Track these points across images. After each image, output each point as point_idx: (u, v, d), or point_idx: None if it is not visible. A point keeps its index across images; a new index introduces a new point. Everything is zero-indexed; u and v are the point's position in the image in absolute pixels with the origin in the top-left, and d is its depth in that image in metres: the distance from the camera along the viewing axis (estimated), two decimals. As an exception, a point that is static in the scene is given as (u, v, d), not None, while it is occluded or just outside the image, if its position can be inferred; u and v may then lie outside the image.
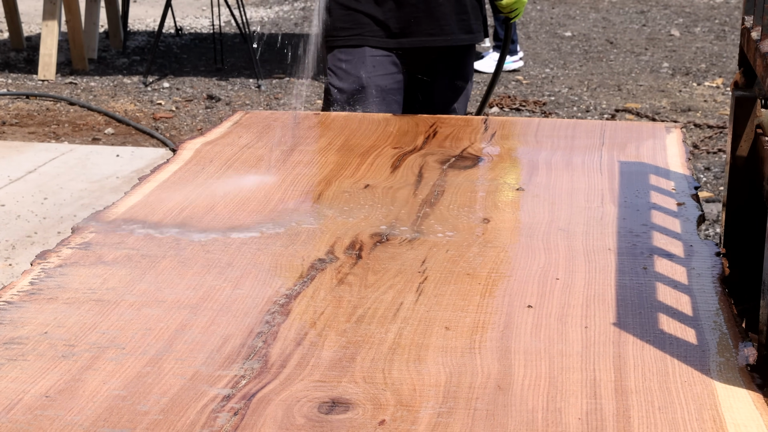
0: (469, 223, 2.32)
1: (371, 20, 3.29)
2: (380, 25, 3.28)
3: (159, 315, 1.85)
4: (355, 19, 3.30)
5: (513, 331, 1.81)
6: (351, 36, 3.30)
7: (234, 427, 1.51)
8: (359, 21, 3.29)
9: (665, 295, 1.94)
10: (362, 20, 3.29)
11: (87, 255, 2.11)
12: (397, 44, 3.31)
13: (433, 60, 3.38)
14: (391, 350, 1.74)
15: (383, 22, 3.28)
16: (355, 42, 3.30)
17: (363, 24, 3.29)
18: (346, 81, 3.29)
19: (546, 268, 2.07)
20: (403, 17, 3.29)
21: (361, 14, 3.29)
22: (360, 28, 3.29)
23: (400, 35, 3.30)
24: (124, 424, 1.51)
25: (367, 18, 3.29)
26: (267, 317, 1.85)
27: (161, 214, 2.33)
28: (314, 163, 2.73)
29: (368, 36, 3.30)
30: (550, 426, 1.52)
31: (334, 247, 2.17)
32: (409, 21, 3.29)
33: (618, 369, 1.68)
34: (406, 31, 3.30)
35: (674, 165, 2.70)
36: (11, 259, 4.33)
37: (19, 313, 1.85)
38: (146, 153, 5.93)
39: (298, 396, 1.60)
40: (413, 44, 3.32)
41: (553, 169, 2.68)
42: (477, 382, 1.64)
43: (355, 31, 3.30)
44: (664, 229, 2.26)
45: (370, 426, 1.51)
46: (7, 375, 1.64)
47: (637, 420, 1.53)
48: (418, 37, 3.32)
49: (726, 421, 1.53)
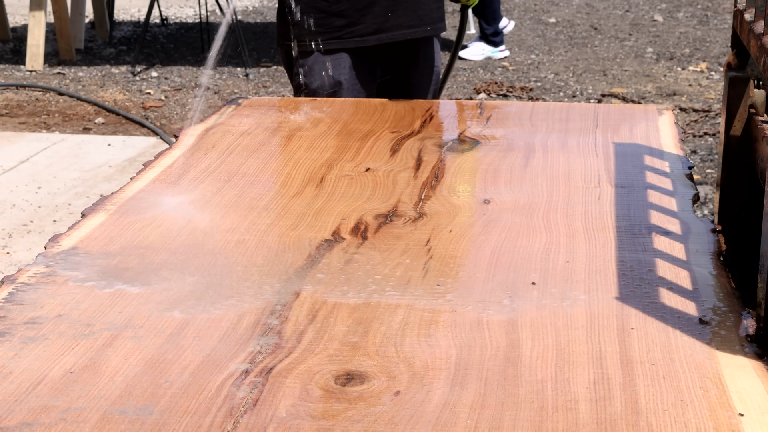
0: (470, 204, 2.37)
1: (347, 21, 3.28)
2: (357, 24, 3.28)
3: (173, 295, 1.90)
4: (330, 22, 3.29)
5: (519, 307, 1.86)
6: (329, 40, 3.30)
7: (254, 399, 1.56)
8: (335, 24, 3.29)
9: (665, 271, 2.00)
10: (337, 23, 3.29)
11: (100, 237, 2.15)
12: (376, 41, 3.31)
13: (411, 50, 3.40)
14: (402, 326, 1.79)
15: (359, 21, 3.28)
16: (334, 46, 3.30)
17: (340, 27, 3.28)
18: (320, 82, 3.31)
19: (548, 246, 2.13)
20: (381, 12, 3.29)
21: (336, 17, 3.29)
22: (338, 32, 3.29)
23: (379, 31, 3.31)
24: (147, 398, 1.56)
25: (342, 19, 3.29)
26: (279, 295, 1.90)
27: (170, 198, 2.38)
28: (314, 147, 2.77)
29: (346, 38, 3.30)
30: (559, 395, 1.57)
31: (340, 229, 2.22)
32: (386, 15, 3.30)
33: (622, 341, 1.73)
34: (384, 26, 3.31)
35: (668, 146, 2.76)
36: (8, 247, 4.37)
37: (36, 294, 1.90)
38: (137, 142, 5.97)
39: (314, 370, 1.65)
40: (393, 38, 3.33)
41: (549, 151, 2.73)
42: (486, 355, 1.69)
43: (333, 35, 3.30)
44: (661, 207, 2.32)
45: (386, 397, 1.57)
46: (30, 354, 1.69)
47: (643, 388, 1.59)
48: (398, 31, 3.33)
49: (729, 389, 1.58)
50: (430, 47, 3.45)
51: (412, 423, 1.50)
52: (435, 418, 1.51)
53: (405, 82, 3.46)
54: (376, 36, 3.31)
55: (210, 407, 1.54)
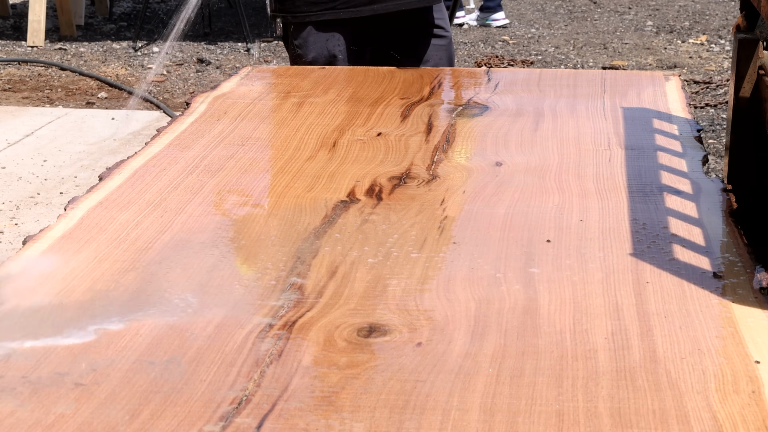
0: (483, 166, 2.40)
1: None
2: None
3: (195, 252, 1.93)
4: None
5: (535, 263, 1.89)
6: (323, 11, 3.31)
7: (279, 351, 1.59)
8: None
9: (677, 228, 2.02)
10: None
11: (118, 199, 2.18)
12: (370, 11, 3.32)
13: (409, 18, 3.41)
14: (420, 282, 1.82)
15: None
16: (329, 17, 3.31)
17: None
18: (315, 54, 3.32)
19: (561, 206, 2.15)
20: None
21: None
22: (332, 2, 3.31)
23: (373, 1, 3.32)
24: (175, 351, 1.59)
25: None
26: (298, 253, 1.93)
27: (186, 160, 2.41)
28: (325, 113, 2.80)
29: (340, 8, 3.32)
30: (578, 345, 1.60)
31: (355, 190, 2.24)
32: None
33: (638, 294, 1.76)
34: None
35: (675, 110, 2.78)
36: (16, 218, 4.40)
37: (55, 252, 1.92)
38: (141, 116, 5.99)
39: (336, 323, 1.68)
40: (387, 9, 3.34)
41: (558, 116, 2.76)
42: (505, 308, 1.72)
43: (327, 6, 3.31)
44: (671, 168, 2.35)
45: (408, 348, 1.60)
46: (54, 311, 1.72)
47: (660, 338, 1.62)
48: (392, 1, 3.34)
49: (744, 338, 1.61)
50: (430, 16, 3.45)
51: (435, 372, 1.53)
52: (457, 367, 1.54)
53: (411, 53, 3.48)
54: (370, 7, 3.33)
55: (236, 359, 1.57)
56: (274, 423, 1.40)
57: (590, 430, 1.38)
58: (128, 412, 1.43)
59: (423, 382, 1.50)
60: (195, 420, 1.41)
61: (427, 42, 3.48)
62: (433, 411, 1.43)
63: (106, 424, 1.40)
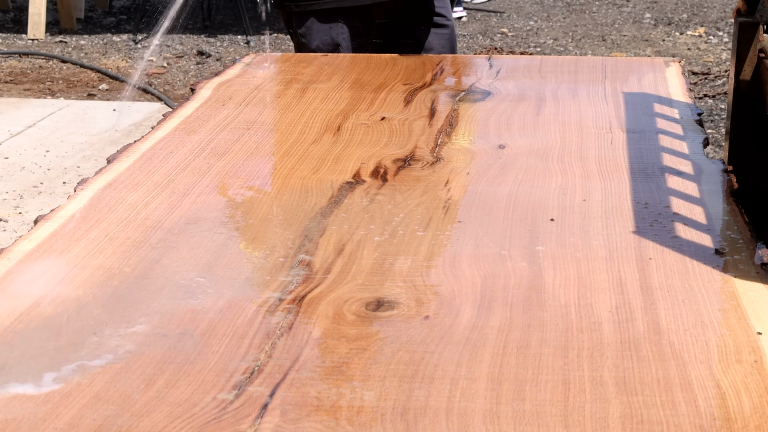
0: (486, 149, 2.42)
1: None
2: None
3: (204, 231, 1.96)
4: None
5: (539, 240, 1.92)
6: (327, 0, 3.33)
7: (289, 324, 1.62)
8: None
9: (679, 207, 2.05)
10: None
11: (126, 180, 2.21)
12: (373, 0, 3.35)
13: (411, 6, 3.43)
14: (427, 258, 1.85)
15: None
16: (332, 5, 3.33)
17: None
18: (319, 43, 3.35)
19: (564, 186, 2.18)
20: None
21: None
22: None
23: None
24: (186, 324, 1.62)
25: None
26: (305, 232, 1.95)
27: (192, 143, 2.43)
28: (329, 99, 2.82)
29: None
30: (583, 318, 1.63)
31: (360, 172, 2.27)
32: None
33: (641, 270, 1.79)
34: None
35: (676, 95, 2.81)
36: (20, 207, 4.42)
37: (67, 231, 1.95)
38: (142, 107, 6.01)
39: (345, 297, 1.70)
40: None
41: (560, 101, 2.78)
42: (510, 284, 1.75)
43: None
44: (672, 150, 2.37)
45: (416, 321, 1.63)
46: (70, 283, 1.75)
47: (664, 311, 1.64)
48: None
49: (746, 311, 1.64)
50: (431, 4, 3.48)
51: (443, 343, 1.56)
52: (465, 338, 1.57)
53: (414, 41, 3.50)
54: None
55: (247, 331, 1.60)
56: (286, 391, 1.43)
57: (596, 397, 1.41)
58: (143, 381, 1.46)
59: (431, 353, 1.53)
60: (209, 388, 1.44)
61: (430, 30, 3.51)
62: (441, 380, 1.46)
63: (121, 393, 1.43)
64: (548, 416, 1.37)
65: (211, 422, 1.36)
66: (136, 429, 1.34)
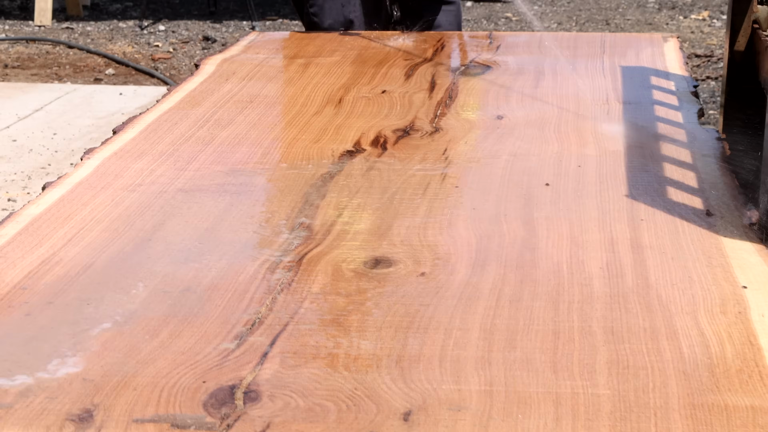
0: (484, 119, 2.47)
1: None
2: None
3: (208, 196, 2.01)
4: None
5: (534, 203, 1.97)
6: None
7: (289, 280, 1.67)
8: None
9: (672, 172, 2.10)
10: None
11: (132, 150, 2.26)
12: None
13: None
14: (424, 220, 1.90)
15: None
16: None
17: None
18: (332, 21, 3.39)
19: (559, 153, 2.23)
20: None
21: None
22: None
23: None
24: (191, 281, 1.67)
25: None
26: (306, 197, 2.00)
27: (196, 115, 2.48)
28: (331, 73, 2.87)
29: None
30: (574, 274, 1.68)
31: (360, 141, 2.32)
32: None
33: (633, 229, 1.84)
34: None
35: (673, 68, 2.85)
36: (28, 188, 4.48)
37: (74, 196, 2.00)
38: (148, 91, 6.06)
39: (343, 256, 1.75)
40: None
41: (558, 74, 2.83)
42: (505, 242, 1.80)
43: None
44: (668, 120, 2.42)
45: (412, 277, 1.67)
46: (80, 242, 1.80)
47: (653, 267, 1.69)
48: None
49: (733, 267, 1.69)
50: None
51: (438, 298, 1.61)
52: (459, 293, 1.62)
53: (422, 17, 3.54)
54: None
55: (248, 287, 1.65)
56: (285, 341, 1.48)
57: (584, 345, 1.46)
58: (148, 333, 1.51)
59: (426, 306, 1.58)
60: (211, 339, 1.49)
61: (438, 7, 3.55)
62: (436, 330, 1.51)
63: (127, 343, 1.48)
64: (538, 363, 1.42)
65: (213, 368, 1.41)
66: (141, 375, 1.39)
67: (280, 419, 1.29)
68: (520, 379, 1.38)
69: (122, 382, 1.38)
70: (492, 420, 1.29)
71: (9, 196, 4.40)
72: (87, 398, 1.34)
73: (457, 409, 1.31)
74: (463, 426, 1.27)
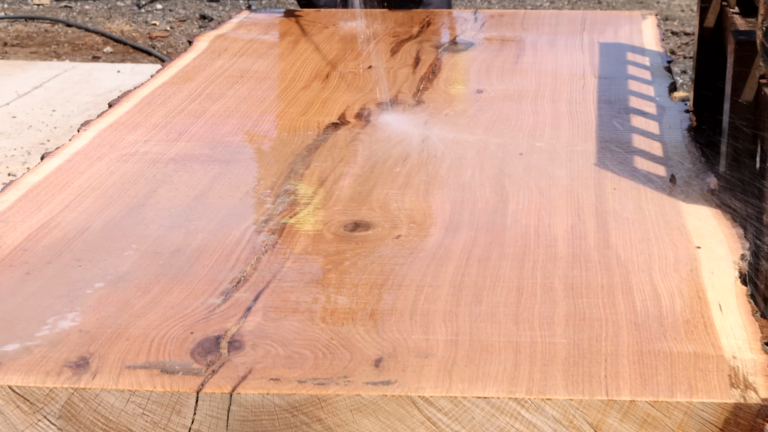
0: (465, 93, 2.58)
1: None
2: None
3: (199, 166, 2.12)
4: None
5: (507, 171, 2.08)
6: None
7: (273, 242, 1.78)
8: None
9: (639, 142, 2.21)
10: None
11: (127, 122, 2.37)
12: None
13: None
14: (402, 187, 2.01)
15: None
16: None
17: None
18: None
19: (534, 124, 2.34)
20: None
21: None
22: None
23: None
24: (180, 243, 1.78)
25: None
26: (292, 166, 2.11)
27: (189, 90, 2.59)
28: (319, 50, 2.98)
29: None
30: (541, 236, 1.79)
31: (345, 114, 2.43)
32: None
33: (598, 196, 1.95)
34: None
35: (649, 45, 2.96)
36: (28, 163, 4.58)
37: (71, 165, 2.11)
38: (146, 69, 6.15)
39: (325, 220, 1.87)
40: None
41: (538, 50, 2.94)
42: (478, 208, 1.91)
43: None
44: (640, 94, 2.53)
45: (389, 239, 1.79)
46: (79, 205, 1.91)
47: (614, 230, 1.80)
48: None
49: (689, 229, 1.80)
50: None
51: (412, 257, 1.72)
52: (431, 254, 1.73)
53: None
54: None
55: (234, 249, 1.76)
56: (268, 297, 1.59)
57: (545, 300, 1.57)
58: (140, 289, 1.62)
59: (401, 265, 1.69)
60: (199, 295, 1.60)
61: None
62: (408, 287, 1.62)
63: (120, 299, 1.59)
64: (501, 315, 1.53)
65: (200, 321, 1.52)
66: (134, 327, 1.50)
67: (261, 365, 1.40)
68: (484, 330, 1.49)
69: (116, 334, 1.49)
70: (456, 366, 1.40)
71: (9, 171, 4.52)
72: (83, 347, 1.45)
73: (425, 356, 1.42)
74: (429, 371, 1.39)
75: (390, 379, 1.37)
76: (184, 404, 1.36)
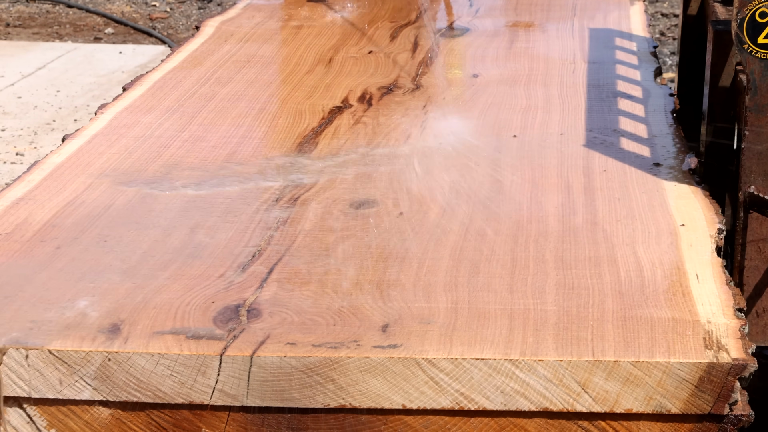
0: (461, 78, 2.72)
1: None
2: None
3: (209, 148, 2.25)
4: None
5: (502, 152, 2.21)
6: None
7: (285, 218, 1.91)
8: None
9: (626, 124, 2.35)
10: None
11: (142, 105, 2.50)
12: None
13: None
14: (404, 167, 2.14)
15: None
16: None
17: None
18: None
19: (527, 108, 2.48)
20: None
21: None
22: None
23: None
24: (197, 220, 1.91)
25: None
26: (299, 147, 2.25)
27: (199, 74, 2.72)
28: (322, 35, 3.11)
29: None
30: (533, 212, 1.93)
31: (348, 97, 2.56)
32: None
33: (587, 176, 2.09)
34: None
35: (636, 30, 3.10)
36: (35, 143, 4.72)
37: (91, 146, 2.24)
38: (147, 50, 6.29)
39: (332, 198, 2.00)
40: None
41: (530, 35, 3.07)
42: (475, 186, 2.05)
43: None
44: (627, 78, 2.67)
45: (393, 215, 1.92)
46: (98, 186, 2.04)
47: (602, 208, 1.94)
48: None
49: (672, 207, 1.94)
50: None
51: (413, 233, 1.86)
52: (432, 228, 1.87)
53: None
54: None
55: (249, 225, 1.89)
56: (281, 270, 1.73)
57: (537, 271, 1.71)
58: (161, 265, 1.75)
59: (404, 240, 1.83)
60: (218, 267, 1.73)
61: None
62: (411, 260, 1.76)
63: (144, 274, 1.72)
64: (497, 285, 1.67)
65: (220, 292, 1.66)
66: (159, 297, 1.64)
67: (278, 331, 1.54)
68: (481, 298, 1.63)
69: (143, 303, 1.62)
70: (456, 330, 1.54)
71: (17, 150, 4.65)
72: (114, 315, 1.59)
73: (427, 323, 1.56)
74: (432, 335, 1.53)
75: (396, 343, 1.50)
76: (209, 366, 1.50)
